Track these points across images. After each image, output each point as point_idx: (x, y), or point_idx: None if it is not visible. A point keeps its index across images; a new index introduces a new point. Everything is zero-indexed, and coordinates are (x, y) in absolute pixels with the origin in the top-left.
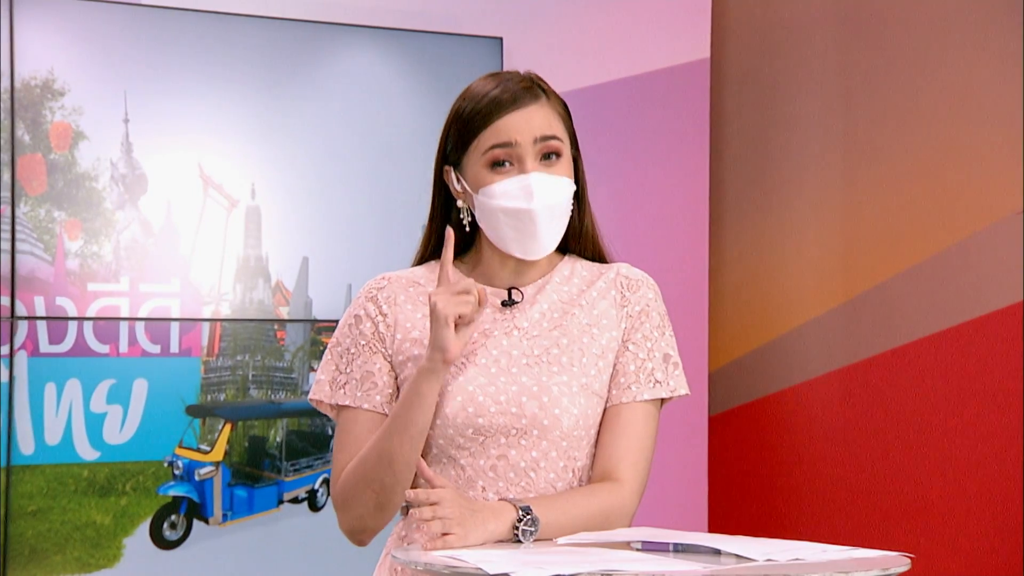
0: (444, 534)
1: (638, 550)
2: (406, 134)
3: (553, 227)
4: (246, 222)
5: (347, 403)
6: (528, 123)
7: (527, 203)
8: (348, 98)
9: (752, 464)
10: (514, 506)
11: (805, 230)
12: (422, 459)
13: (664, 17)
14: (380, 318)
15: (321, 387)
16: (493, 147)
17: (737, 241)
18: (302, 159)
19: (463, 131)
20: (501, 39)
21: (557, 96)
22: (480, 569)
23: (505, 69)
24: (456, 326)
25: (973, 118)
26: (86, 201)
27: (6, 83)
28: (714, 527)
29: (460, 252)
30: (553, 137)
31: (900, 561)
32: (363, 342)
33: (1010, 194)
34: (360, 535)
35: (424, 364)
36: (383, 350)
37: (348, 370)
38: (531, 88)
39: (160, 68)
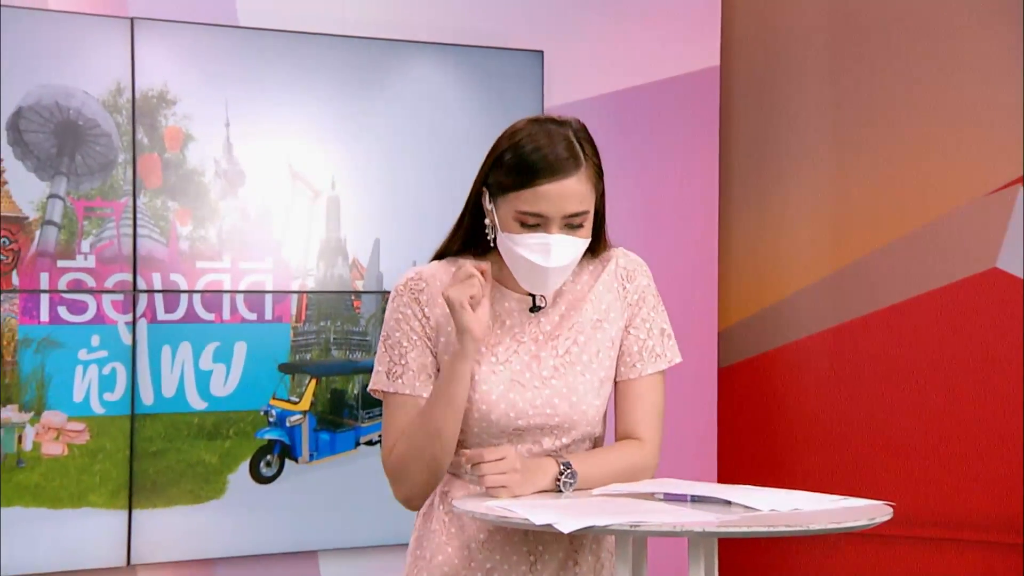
0: (501, 487)
1: (660, 500)
2: (460, 135)
3: (561, 278)
4: (327, 209)
5: (407, 392)
6: (560, 200)
7: (544, 261)
8: (412, 104)
9: (755, 410)
10: (556, 461)
11: (801, 211)
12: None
13: (679, 31)
14: (424, 320)
15: (380, 378)
16: (525, 212)
17: (743, 221)
18: (374, 155)
19: (504, 180)
20: (542, 52)
21: (593, 158)
22: (527, 519)
23: (544, 80)
24: (472, 307)
25: (943, 117)
26: (195, 193)
27: (128, 95)
28: (723, 466)
29: (483, 251)
30: (581, 213)
31: (884, 510)
32: (415, 337)
33: (975, 181)
34: (414, 502)
35: (456, 348)
36: (431, 347)
37: (403, 362)
38: (572, 157)
39: (256, 80)
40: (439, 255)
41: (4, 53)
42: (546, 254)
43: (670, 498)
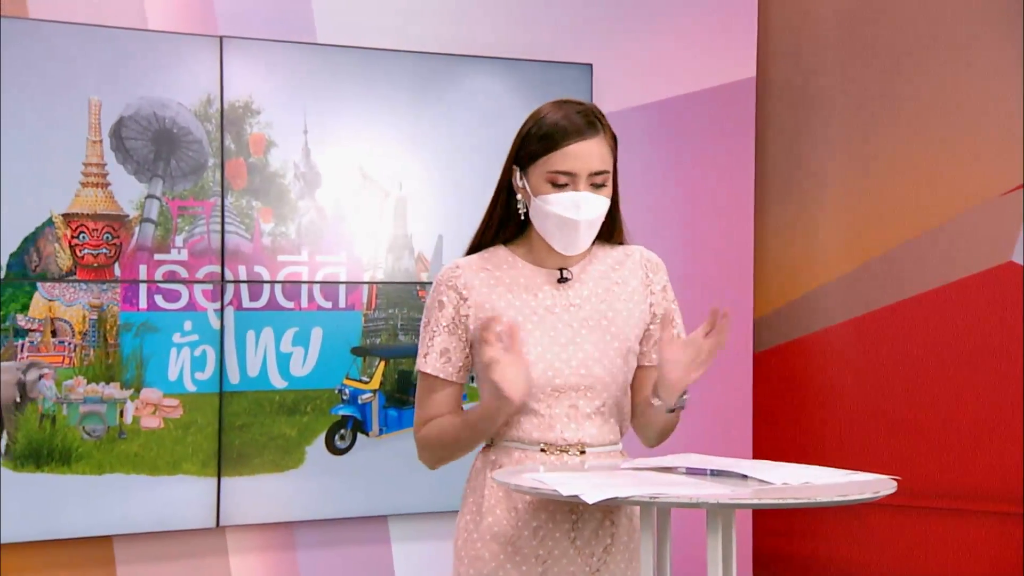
0: None
1: (683, 474)
2: None
3: (589, 234)
4: (395, 208)
5: (428, 371)
6: (586, 158)
7: (575, 215)
8: (472, 113)
9: (787, 391)
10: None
11: (829, 210)
12: None
13: (719, 45)
14: (461, 302)
15: (418, 358)
16: (556, 171)
17: (776, 219)
18: (438, 160)
19: (534, 148)
20: (591, 65)
21: (610, 129)
22: (556, 491)
23: (593, 90)
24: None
25: (959, 124)
26: (276, 193)
27: (217, 105)
28: (757, 442)
29: (513, 238)
30: (604, 172)
31: (888, 484)
32: (444, 323)
33: (992, 182)
34: (432, 467)
35: (494, 407)
36: (459, 332)
37: (431, 344)
38: (592, 123)
39: (331, 91)
40: (474, 246)
41: (107, 69)
42: (577, 208)
43: (692, 472)
